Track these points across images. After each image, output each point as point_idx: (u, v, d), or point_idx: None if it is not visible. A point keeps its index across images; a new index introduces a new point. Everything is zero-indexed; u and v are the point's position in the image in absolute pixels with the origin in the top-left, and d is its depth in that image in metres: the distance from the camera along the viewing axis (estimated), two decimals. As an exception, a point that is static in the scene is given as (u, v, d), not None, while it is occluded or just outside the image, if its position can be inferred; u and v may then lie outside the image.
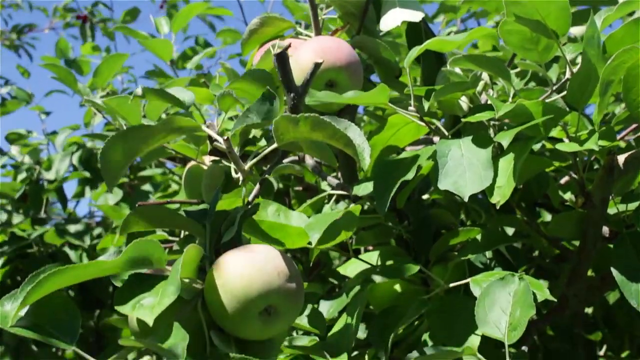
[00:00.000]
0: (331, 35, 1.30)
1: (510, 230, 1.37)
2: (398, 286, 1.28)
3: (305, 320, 1.19)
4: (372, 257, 1.29)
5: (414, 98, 1.15)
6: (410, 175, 1.08)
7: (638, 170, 1.17)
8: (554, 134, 1.16)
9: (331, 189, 1.31)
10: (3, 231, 2.24)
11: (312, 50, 1.20)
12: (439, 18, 2.40)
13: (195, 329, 0.86)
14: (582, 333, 1.71)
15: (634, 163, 1.12)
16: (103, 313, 2.36)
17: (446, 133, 1.20)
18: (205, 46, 2.67)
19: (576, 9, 1.32)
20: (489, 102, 1.17)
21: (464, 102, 1.23)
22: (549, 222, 1.36)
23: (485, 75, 1.25)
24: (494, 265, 1.31)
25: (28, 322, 0.80)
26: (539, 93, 1.19)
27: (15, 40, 4.66)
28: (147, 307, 0.81)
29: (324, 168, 1.50)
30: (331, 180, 1.25)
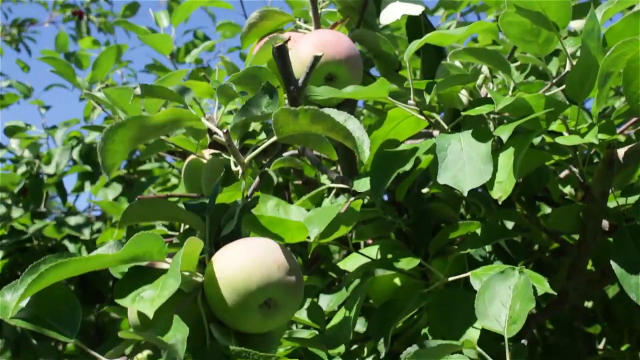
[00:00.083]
0: (331, 29, 1.30)
1: (510, 224, 1.37)
2: (398, 280, 1.28)
3: (305, 314, 1.19)
4: (372, 251, 1.29)
5: (413, 92, 1.15)
6: (408, 166, 1.08)
7: (638, 164, 1.17)
8: (554, 127, 1.15)
9: (331, 183, 1.31)
10: (3, 226, 2.24)
11: (312, 44, 1.20)
12: (439, 12, 2.39)
13: (195, 322, 0.86)
14: (582, 326, 1.71)
15: (633, 156, 1.12)
16: (103, 307, 2.37)
17: (446, 127, 1.20)
18: (204, 40, 2.66)
19: (577, 2, 1.31)
20: (488, 96, 1.17)
21: (464, 96, 1.23)
22: (548, 216, 1.36)
23: (485, 69, 1.25)
24: (493, 259, 1.31)
25: (28, 314, 0.80)
26: (538, 86, 1.19)
27: (15, 35, 4.65)
28: (147, 300, 0.81)
29: (324, 162, 1.50)
30: (331, 173, 1.25)
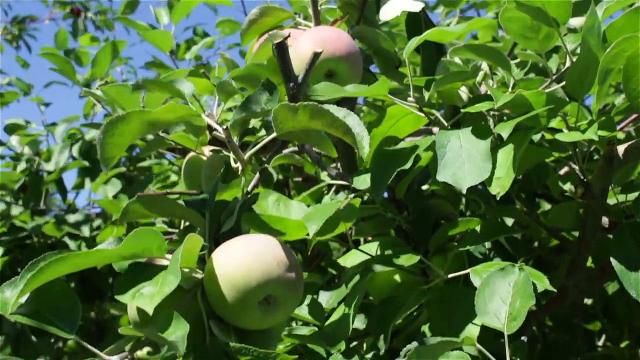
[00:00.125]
0: (330, 26, 1.30)
1: (509, 221, 1.37)
2: (397, 276, 1.28)
3: (305, 311, 1.19)
4: (372, 248, 1.29)
5: (413, 89, 1.15)
6: (408, 165, 1.08)
7: (638, 161, 1.17)
8: (554, 124, 1.15)
9: (330, 179, 1.31)
10: (3, 224, 2.24)
11: (312, 41, 1.19)
12: (439, 9, 2.39)
13: (194, 319, 0.86)
14: (581, 323, 1.71)
15: (633, 153, 1.11)
16: (104, 304, 2.37)
17: (445, 124, 1.20)
18: (204, 36, 2.66)
19: (577, -1, 1.31)
20: (488, 93, 1.17)
21: (464, 93, 1.23)
22: (548, 213, 1.36)
23: (485, 66, 1.25)
24: (493, 256, 1.31)
25: (28, 310, 0.80)
26: (538, 83, 1.19)
27: (16, 33, 4.65)
28: (147, 296, 0.81)
29: (324, 158, 1.50)
30: (331, 170, 1.25)
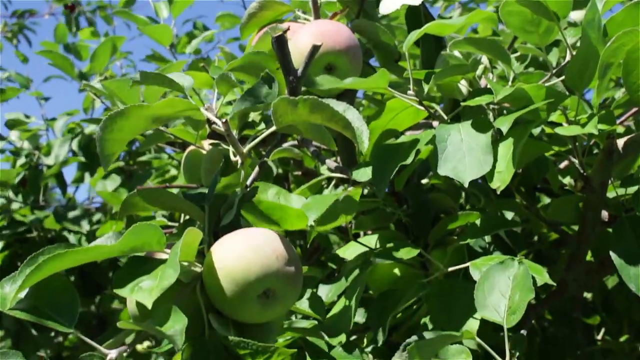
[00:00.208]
0: (330, 19, 1.29)
1: (509, 215, 1.37)
2: (397, 270, 1.28)
3: (305, 305, 1.19)
4: (372, 241, 1.29)
5: (413, 82, 1.15)
6: (409, 160, 1.08)
7: (637, 154, 1.17)
8: (554, 118, 1.15)
9: (330, 173, 1.31)
10: (3, 218, 2.24)
11: (311, 34, 1.19)
12: (438, 3, 2.39)
13: (193, 312, 0.86)
14: (581, 317, 1.71)
15: (633, 147, 1.11)
16: (104, 298, 2.37)
17: (445, 117, 1.20)
18: (204, 30, 2.65)
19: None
20: (488, 86, 1.17)
21: (464, 86, 1.23)
22: (548, 207, 1.36)
23: (484, 59, 1.24)
24: (493, 250, 1.31)
25: (27, 305, 0.80)
26: (538, 77, 1.18)
27: (16, 29, 4.64)
28: (146, 290, 0.81)
29: (324, 152, 1.50)
30: (330, 163, 1.24)
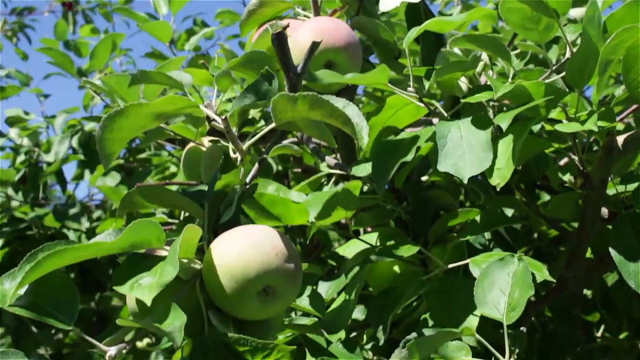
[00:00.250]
0: (330, 16, 1.29)
1: (509, 212, 1.37)
2: (397, 267, 1.28)
3: (305, 302, 1.19)
4: (372, 239, 1.29)
5: (413, 79, 1.15)
6: (409, 157, 1.08)
7: (637, 151, 1.17)
8: (554, 115, 1.15)
9: (329, 169, 1.31)
10: (4, 217, 2.24)
11: (311, 31, 1.19)
12: (438, 0, 2.39)
13: (193, 309, 0.86)
14: (580, 314, 1.71)
15: (633, 144, 1.11)
16: (104, 296, 2.37)
17: (445, 114, 1.20)
18: (203, 27, 2.65)
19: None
20: (488, 83, 1.17)
21: (464, 83, 1.23)
22: (548, 204, 1.36)
23: (484, 56, 1.24)
24: (492, 247, 1.31)
25: (27, 302, 0.80)
26: (538, 74, 1.18)
27: (17, 27, 4.64)
28: (145, 287, 0.80)
29: (323, 149, 1.50)
30: (330, 160, 1.24)
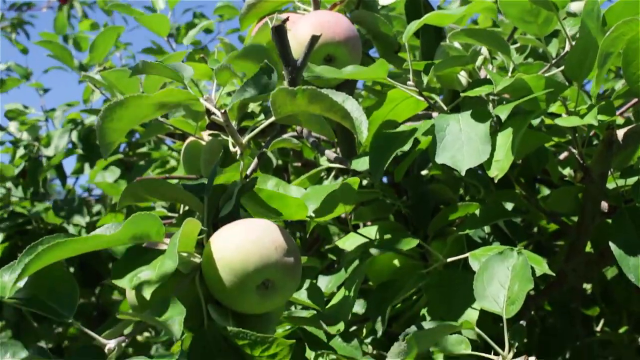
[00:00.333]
0: (329, 10, 1.29)
1: (509, 206, 1.38)
2: (397, 261, 1.28)
3: (304, 295, 1.19)
4: (371, 232, 1.29)
5: (412, 73, 1.15)
6: (407, 147, 1.08)
7: (637, 145, 1.17)
8: (553, 109, 1.15)
9: (329, 163, 1.31)
10: (4, 211, 2.24)
11: (310, 25, 1.19)
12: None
13: (193, 303, 0.86)
14: (580, 308, 1.71)
15: (633, 137, 1.11)
16: (104, 289, 2.37)
17: (445, 108, 1.20)
18: (203, 20, 2.64)
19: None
20: (488, 77, 1.16)
21: (463, 77, 1.23)
22: (548, 197, 1.36)
23: (484, 50, 1.24)
24: (492, 240, 1.31)
25: (26, 294, 0.80)
26: (538, 67, 1.18)
27: (16, 23, 4.64)
28: (145, 281, 0.81)
29: (323, 143, 1.50)
30: (330, 154, 1.24)
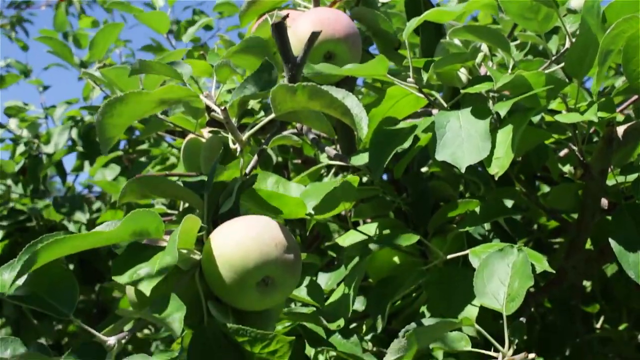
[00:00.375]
0: (330, 7, 1.29)
1: (509, 203, 1.37)
2: (397, 258, 1.28)
3: (304, 292, 1.19)
4: (371, 229, 1.29)
5: (412, 70, 1.14)
6: (407, 144, 1.08)
7: (637, 142, 1.17)
8: (553, 106, 1.15)
9: (329, 160, 1.31)
10: (4, 209, 2.24)
11: (310, 22, 1.19)
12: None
13: (192, 300, 0.86)
14: (580, 305, 1.71)
15: (633, 134, 1.11)
16: (104, 287, 2.37)
17: (445, 105, 1.20)
18: (203, 17, 2.64)
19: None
20: (488, 74, 1.16)
21: (463, 74, 1.23)
22: (548, 195, 1.36)
23: (484, 47, 1.24)
24: (492, 238, 1.31)
25: (26, 292, 0.80)
26: (538, 64, 1.18)
27: (14, 20, 4.63)
28: (144, 278, 0.80)
29: (323, 140, 1.50)
30: (330, 151, 1.24)
